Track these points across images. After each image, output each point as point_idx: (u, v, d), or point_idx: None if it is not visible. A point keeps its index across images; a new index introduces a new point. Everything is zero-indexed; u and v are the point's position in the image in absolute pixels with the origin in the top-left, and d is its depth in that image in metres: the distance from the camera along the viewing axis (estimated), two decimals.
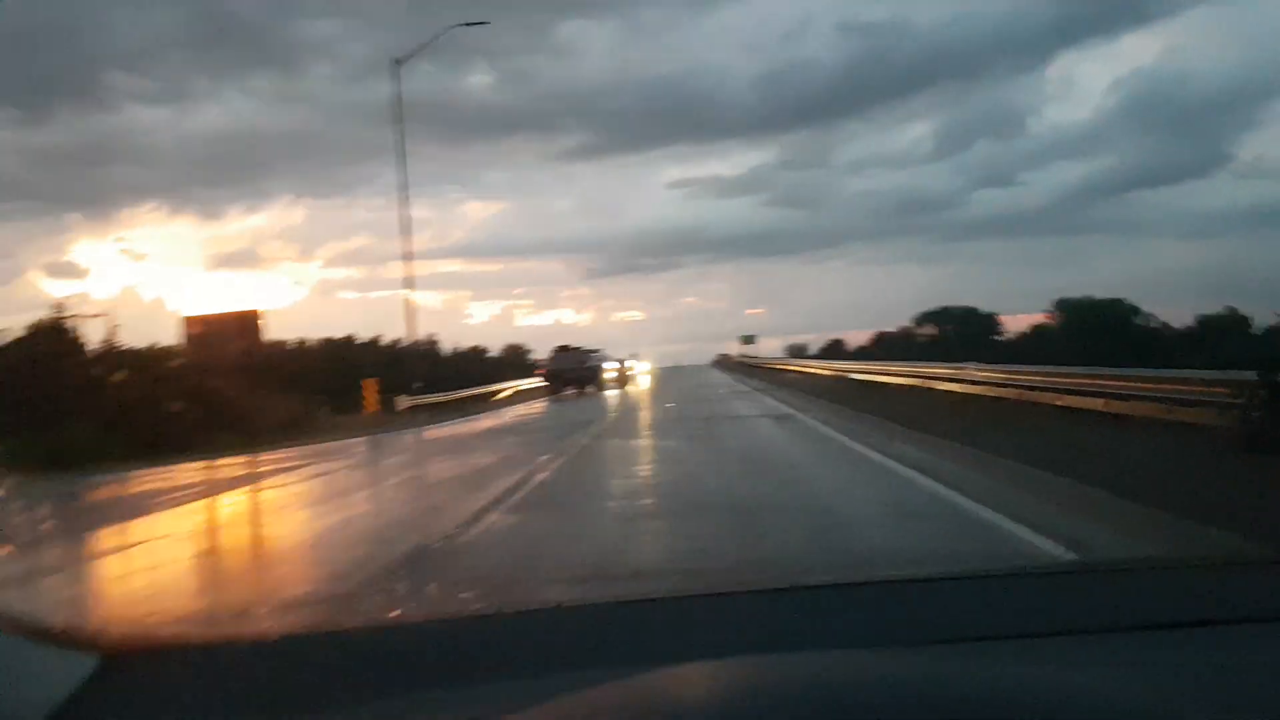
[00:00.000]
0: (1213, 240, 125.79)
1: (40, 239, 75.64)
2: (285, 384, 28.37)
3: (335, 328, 63.12)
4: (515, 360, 61.53)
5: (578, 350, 40.30)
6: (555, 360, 40.07)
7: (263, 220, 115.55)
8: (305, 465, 15.29)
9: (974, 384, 16.51)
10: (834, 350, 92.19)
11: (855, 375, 26.95)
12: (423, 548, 7.06)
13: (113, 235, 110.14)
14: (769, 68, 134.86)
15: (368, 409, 29.77)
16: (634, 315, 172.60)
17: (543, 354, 43.01)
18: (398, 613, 1.68)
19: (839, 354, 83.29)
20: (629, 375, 44.35)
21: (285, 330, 73.10)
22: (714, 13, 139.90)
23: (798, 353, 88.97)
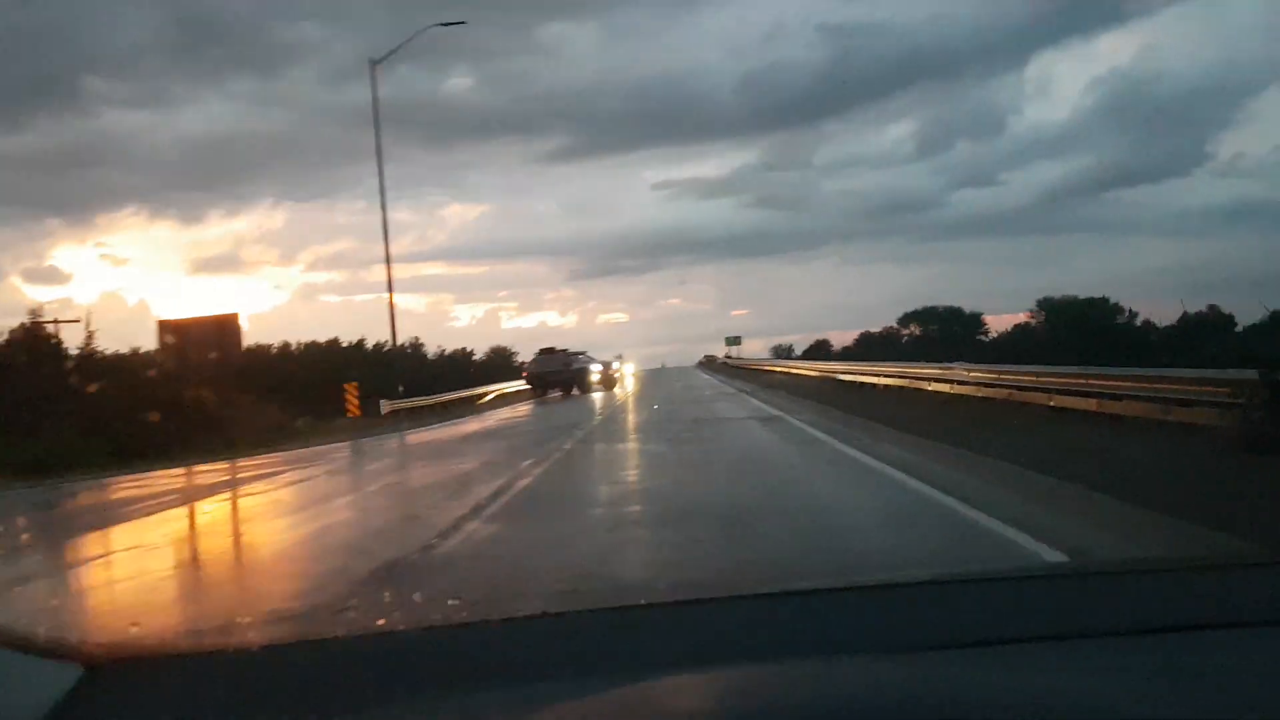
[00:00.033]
0: (1193, 238, 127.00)
1: (20, 244, 75.13)
2: (267, 388, 28.23)
3: (319, 331, 62.80)
4: (501, 363, 61.35)
5: (562, 352, 39.73)
6: (539, 363, 39.50)
7: (244, 224, 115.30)
8: (283, 472, 15.05)
9: (963, 384, 16.29)
10: (819, 351, 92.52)
11: (842, 376, 26.66)
12: (397, 560, 6.81)
13: (93, 240, 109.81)
14: (750, 69, 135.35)
15: (350, 413, 29.53)
16: (618, 317, 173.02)
17: (528, 356, 42.56)
18: (383, 621, 1.64)
19: (824, 354, 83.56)
20: (615, 377, 43.74)
21: (268, 334, 72.98)
22: (695, 15, 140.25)
23: (783, 354, 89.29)
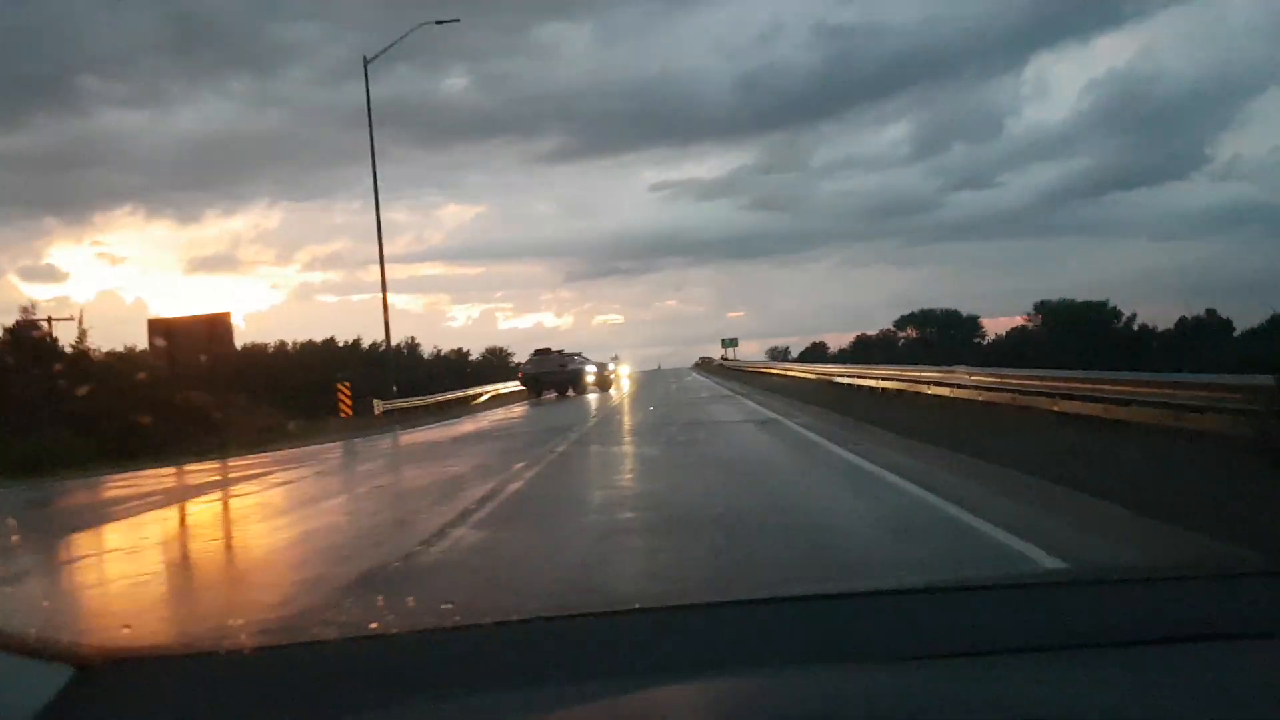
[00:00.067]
0: (1191, 241, 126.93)
1: (17, 243, 74.84)
2: (262, 388, 28.12)
3: (316, 331, 62.47)
4: (497, 363, 61.17)
5: (558, 353, 39.37)
6: (534, 364, 39.11)
7: (241, 224, 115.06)
8: (270, 473, 14.78)
9: (964, 388, 15.98)
10: (816, 353, 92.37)
11: (839, 379, 26.33)
12: (378, 568, 6.52)
13: (90, 239, 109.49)
14: (747, 70, 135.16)
15: (342, 413, 29.26)
16: (614, 318, 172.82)
17: (524, 357, 42.17)
18: (375, 625, 1.61)
19: (821, 357, 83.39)
20: (611, 379, 43.35)
21: (265, 334, 72.78)
22: (692, 15, 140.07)
23: (779, 356, 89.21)
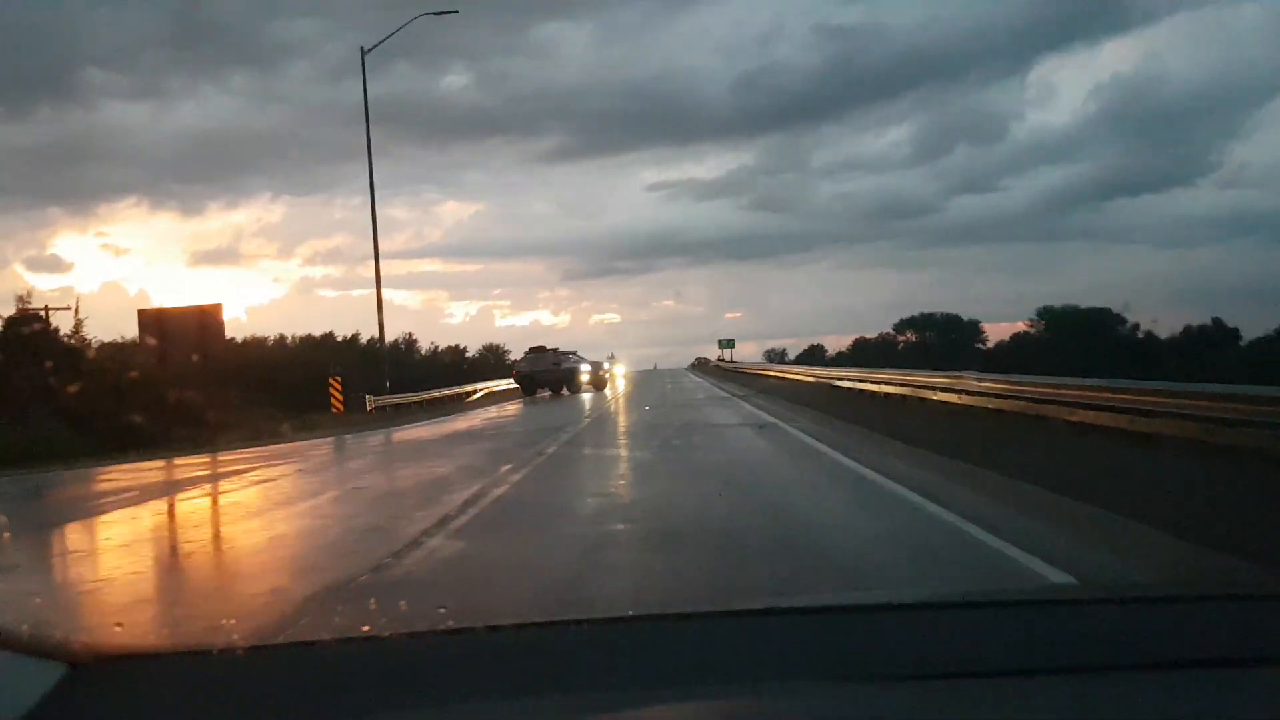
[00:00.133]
0: (1196, 249, 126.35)
1: (21, 234, 74.45)
2: (257, 381, 27.74)
3: (316, 325, 62.01)
4: (494, 360, 60.67)
5: (553, 351, 38.81)
6: (529, 361, 38.58)
7: (243, 217, 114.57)
8: (252, 470, 14.25)
9: (972, 394, 15.42)
10: (814, 355, 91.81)
11: (840, 382, 25.74)
12: (344, 582, 5.98)
13: (93, 230, 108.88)
14: (747, 70, 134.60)
15: (334, 409, 28.74)
16: (611, 318, 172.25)
17: (520, 355, 41.66)
18: (368, 628, 1.54)
19: (819, 359, 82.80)
20: (606, 378, 42.77)
21: (266, 327, 72.31)
22: (692, 15, 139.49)
23: (777, 358, 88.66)
